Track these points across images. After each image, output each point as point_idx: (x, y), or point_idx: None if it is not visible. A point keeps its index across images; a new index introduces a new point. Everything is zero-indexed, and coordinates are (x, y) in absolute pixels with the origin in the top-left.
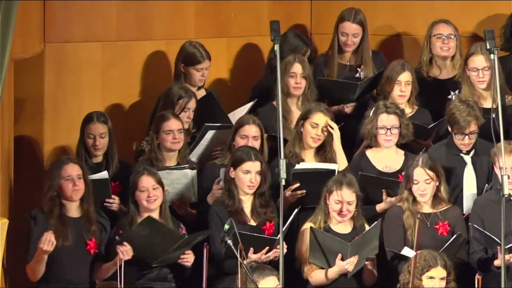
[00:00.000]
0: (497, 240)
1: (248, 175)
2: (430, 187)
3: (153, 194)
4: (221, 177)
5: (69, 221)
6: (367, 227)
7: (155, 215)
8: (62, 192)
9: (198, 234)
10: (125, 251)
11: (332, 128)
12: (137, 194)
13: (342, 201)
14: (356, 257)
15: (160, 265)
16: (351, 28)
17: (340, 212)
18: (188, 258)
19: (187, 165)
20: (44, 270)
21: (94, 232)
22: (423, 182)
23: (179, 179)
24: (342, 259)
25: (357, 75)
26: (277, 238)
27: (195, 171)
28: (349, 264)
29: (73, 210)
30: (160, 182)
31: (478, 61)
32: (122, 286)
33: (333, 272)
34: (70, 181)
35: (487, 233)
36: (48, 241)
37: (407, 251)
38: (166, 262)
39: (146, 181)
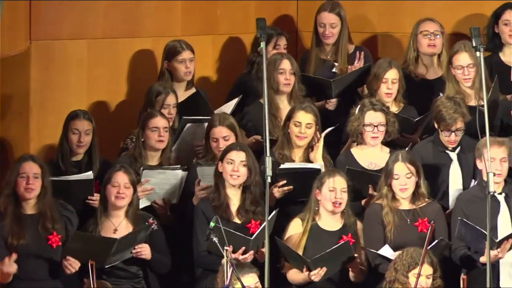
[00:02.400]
0: (485, 232)
1: (232, 165)
2: (411, 181)
3: (123, 192)
4: (199, 176)
5: (25, 219)
6: (359, 225)
7: (121, 213)
8: (16, 189)
9: (139, 230)
10: (70, 265)
11: (318, 139)
12: (108, 187)
13: (336, 188)
14: (324, 269)
15: (112, 264)
16: (329, 17)
17: (334, 201)
18: (143, 251)
19: (179, 166)
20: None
21: (54, 227)
22: (404, 176)
23: (169, 179)
24: (309, 270)
25: (333, 70)
26: (252, 239)
27: (185, 172)
28: (314, 276)
29: (29, 207)
30: (133, 183)
31: (463, 58)
32: (95, 286)
33: (302, 278)
34: (24, 179)
35: (476, 226)
36: (10, 265)
37: (385, 251)
38: (119, 260)
39: (120, 177)
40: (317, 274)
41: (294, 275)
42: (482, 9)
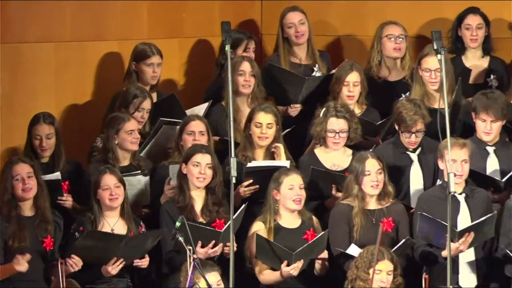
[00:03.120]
0: (445, 224)
1: (198, 167)
2: (381, 178)
3: (115, 192)
4: (170, 175)
5: (24, 221)
6: (314, 220)
7: (117, 213)
8: (14, 192)
9: (149, 235)
10: (74, 263)
11: (276, 148)
12: (99, 192)
13: (294, 185)
14: (301, 262)
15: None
16: (295, 16)
17: (295, 198)
18: (143, 263)
19: (140, 172)
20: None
21: (49, 230)
22: (375, 172)
23: (133, 185)
24: (288, 264)
25: (313, 74)
26: (222, 231)
27: (147, 177)
28: (293, 270)
29: (27, 209)
30: (121, 181)
31: (431, 62)
32: (64, 286)
33: (280, 275)
34: (19, 181)
35: (437, 219)
36: (22, 265)
37: (352, 250)
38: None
39: (109, 180)
40: (296, 268)
41: (269, 275)
42: (444, 12)
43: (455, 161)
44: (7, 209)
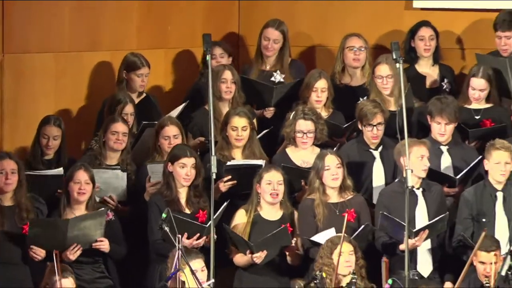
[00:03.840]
0: (403, 224)
1: (185, 169)
2: (340, 171)
3: (84, 188)
4: (149, 173)
5: (4, 210)
6: (296, 214)
7: (83, 206)
8: None
9: (92, 214)
10: (36, 253)
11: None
12: (70, 184)
13: (272, 181)
14: (264, 252)
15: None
16: (273, 34)
17: (272, 192)
18: (102, 245)
19: (119, 167)
20: None
21: (29, 218)
22: (335, 167)
23: (111, 178)
24: (252, 253)
25: (272, 78)
26: (207, 226)
27: (125, 173)
28: (256, 258)
29: (7, 199)
30: (92, 179)
31: (383, 69)
32: (60, 271)
33: (246, 261)
34: (3, 175)
35: (396, 219)
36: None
37: (318, 237)
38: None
39: (81, 175)
40: (259, 257)
41: (239, 258)
42: (400, 25)
43: (423, 157)
44: None
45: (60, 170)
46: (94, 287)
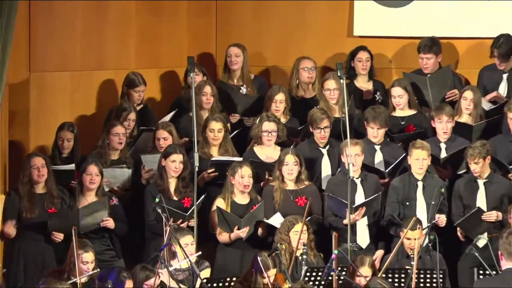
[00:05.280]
0: (345, 202)
1: (174, 164)
2: (296, 168)
3: (94, 179)
4: (143, 162)
5: (36, 197)
6: (259, 198)
7: (93, 193)
8: (31, 177)
9: (97, 201)
10: (57, 237)
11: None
12: (83, 176)
13: (244, 175)
14: (247, 228)
15: (86, 232)
16: (234, 50)
17: (245, 184)
18: (108, 223)
19: (125, 165)
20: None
21: (55, 203)
22: (292, 164)
23: (119, 174)
24: (238, 229)
25: (240, 91)
26: (187, 214)
27: (130, 170)
28: (242, 233)
29: (40, 188)
30: (101, 172)
31: (331, 84)
32: (77, 244)
33: (233, 236)
34: (36, 169)
35: (339, 198)
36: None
37: (276, 219)
38: (90, 229)
39: (92, 169)
40: (243, 231)
41: (224, 236)
42: (343, 49)
43: (358, 155)
44: (22, 189)
45: (72, 166)
46: (101, 257)
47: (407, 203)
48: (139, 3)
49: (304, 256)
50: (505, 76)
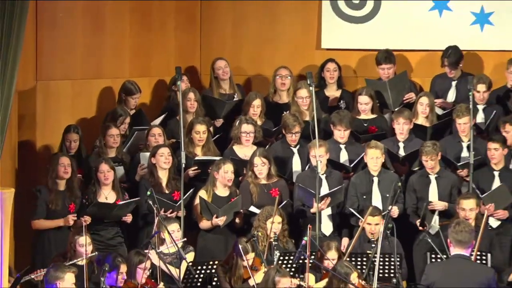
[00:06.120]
0: (313, 192)
1: (163, 156)
2: (265, 168)
3: (107, 175)
4: (141, 158)
5: (59, 193)
6: (238, 192)
7: (110, 187)
8: (58, 173)
9: (130, 203)
10: (86, 220)
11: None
12: (98, 174)
13: (228, 170)
14: (225, 217)
15: (110, 221)
16: (222, 63)
17: (227, 179)
18: (128, 219)
19: (120, 163)
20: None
21: (75, 201)
22: (260, 165)
23: (118, 170)
24: (217, 217)
25: (234, 98)
26: (176, 205)
27: (122, 167)
28: (219, 221)
29: (62, 185)
30: (112, 168)
31: (302, 93)
32: (85, 233)
33: (211, 224)
34: (62, 167)
35: (307, 188)
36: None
37: (253, 209)
38: (113, 219)
39: (104, 167)
40: (221, 220)
41: (205, 223)
42: (313, 60)
43: (322, 156)
44: (51, 184)
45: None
46: (110, 242)
47: (364, 196)
48: (133, 20)
49: (276, 242)
50: (454, 83)
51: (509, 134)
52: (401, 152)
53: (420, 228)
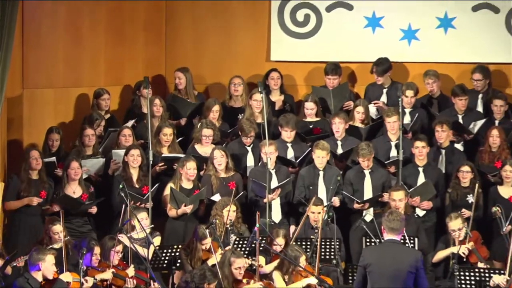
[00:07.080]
0: (265, 185)
1: (133, 157)
2: (223, 160)
3: (77, 172)
4: (113, 156)
5: (32, 182)
6: (200, 185)
7: (76, 182)
8: (30, 165)
9: (95, 201)
10: (55, 208)
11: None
12: (68, 170)
13: (190, 167)
14: (192, 205)
15: (77, 212)
16: (179, 74)
17: (190, 174)
18: (92, 210)
19: (100, 156)
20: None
21: (45, 187)
22: (219, 157)
23: (95, 162)
24: (186, 206)
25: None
26: (144, 198)
27: (104, 159)
28: (188, 209)
29: (34, 175)
30: (81, 165)
31: (257, 96)
32: (62, 221)
33: (179, 211)
34: (34, 159)
35: (260, 182)
36: (35, 201)
37: (214, 197)
38: (81, 211)
39: (74, 164)
40: (189, 208)
41: (173, 211)
42: (264, 70)
43: (272, 153)
44: (24, 174)
45: (53, 159)
46: (81, 230)
47: (311, 187)
48: (108, 36)
49: (231, 228)
50: (385, 90)
51: (444, 134)
52: (339, 150)
53: (358, 206)
